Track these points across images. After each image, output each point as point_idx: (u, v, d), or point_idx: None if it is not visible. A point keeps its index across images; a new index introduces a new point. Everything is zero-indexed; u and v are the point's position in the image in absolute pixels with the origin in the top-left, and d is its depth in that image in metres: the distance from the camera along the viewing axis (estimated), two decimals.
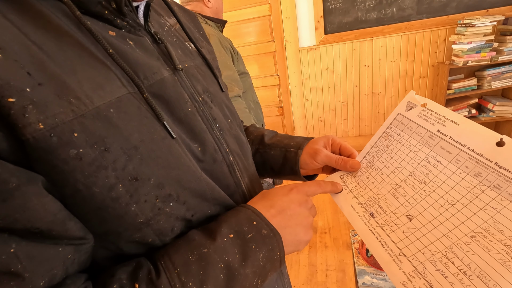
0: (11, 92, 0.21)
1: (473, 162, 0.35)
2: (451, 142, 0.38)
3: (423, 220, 0.36)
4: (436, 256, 0.33)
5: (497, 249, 0.29)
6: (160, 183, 0.29)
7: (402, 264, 0.34)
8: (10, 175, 0.20)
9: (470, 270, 0.30)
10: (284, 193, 0.37)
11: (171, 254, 0.29)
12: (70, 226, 0.24)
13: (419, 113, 0.43)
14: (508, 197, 0.31)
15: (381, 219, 0.39)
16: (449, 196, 0.36)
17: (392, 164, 0.43)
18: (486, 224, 0.31)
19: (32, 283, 0.21)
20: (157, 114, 0.30)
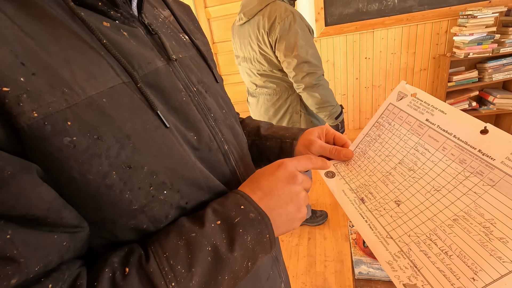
0: (6, 82, 0.21)
1: (459, 149, 0.36)
2: (438, 130, 0.39)
3: (410, 205, 0.38)
4: (421, 238, 0.34)
5: (476, 231, 0.31)
6: (154, 171, 0.29)
7: (389, 245, 0.36)
8: (5, 164, 0.21)
9: (451, 250, 0.32)
10: (270, 172, 0.37)
11: (161, 239, 0.30)
12: (65, 214, 0.25)
13: (409, 103, 0.44)
14: (489, 183, 0.33)
15: (371, 204, 0.41)
16: (435, 183, 0.37)
17: (383, 153, 0.45)
18: (468, 208, 0.33)
19: (27, 268, 0.22)
20: (150, 103, 0.30)
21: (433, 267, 0.32)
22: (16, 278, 0.21)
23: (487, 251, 0.29)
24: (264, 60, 1.32)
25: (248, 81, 1.52)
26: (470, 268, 0.30)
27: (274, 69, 1.34)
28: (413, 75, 2.54)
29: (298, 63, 1.20)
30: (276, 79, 1.38)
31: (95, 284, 0.25)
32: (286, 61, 1.24)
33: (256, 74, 1.41)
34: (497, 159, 0.33)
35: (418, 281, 0.32)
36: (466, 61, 2.35)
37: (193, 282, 0.28)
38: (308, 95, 1.29)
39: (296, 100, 1.43)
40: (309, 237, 1.94)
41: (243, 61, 1.47)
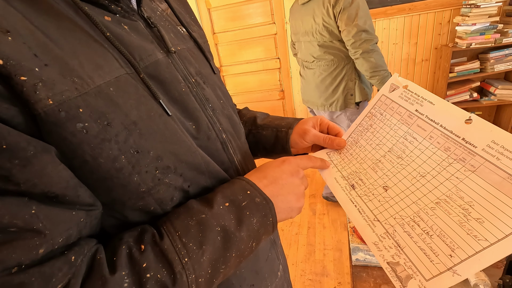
0: (23, 71, 0.23)
1: (444, 138, 0.38)
2: (426, 120, 0.41)
3: (397, 190, 0.40)
4: (405, 220, 0.37)
5: (456, 213, 0.34)
6: (159, 156, 0.31)
7: (375, 228, 0.39)
8: (27, 144, 0.23)
9: (432, 230, 0.34)
10: (276, 165, 0.40)
11: (172, 220, 0.32)
12: (81, 193, 0.27)
13: (400, 94, 0.46)
14: (471, 168, 0.35)
15: (360, 190, 0.43)
16: (421, 169, 0.39)
17: (374, 142, 0.47)
18: (450, 192, 0.35)
19: (52, 239, 0.24)
20: (153, 93, 0.32)
21: (415, 246, 0.35)
22: (43, 248, 0.24)
23: (465, 230, 0.32)
24: (326, 31, 1.51)
25: (306, 54, 1.69)
26: (448, 246, 0.32)
27: (334, 39, 1.53)
28: (414, 66, 2.52)
29: (358, 31, 1.39)
30: (335, 49, 1.56)
31: (114, 259, 0.28)
32: (346, 29, 1.42)
33: (316, 46, 1.59)
34: (479, 147, 0.35)
35: (400, 259, 0.35)
36: (468, 52, 2.33)
37: (204, 258, 0.30)
38: (364, 60, 1.46)
39: (351, 69, 1.60)
40: (309, 226, 1.97)
41: (303, 35, 1.65)
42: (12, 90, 0.23)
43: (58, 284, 0.24)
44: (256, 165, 0.51)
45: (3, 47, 0.22)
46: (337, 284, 1.54)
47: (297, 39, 1.75)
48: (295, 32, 1.75)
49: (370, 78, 1.53)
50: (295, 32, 1.75)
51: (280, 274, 0.53)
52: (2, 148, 0.21)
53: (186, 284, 0.29)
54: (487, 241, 0.30)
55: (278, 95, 3.01)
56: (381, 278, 0.77)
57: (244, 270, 0.44)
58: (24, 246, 0.23)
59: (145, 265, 0.28)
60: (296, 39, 1.75)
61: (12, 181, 0.22)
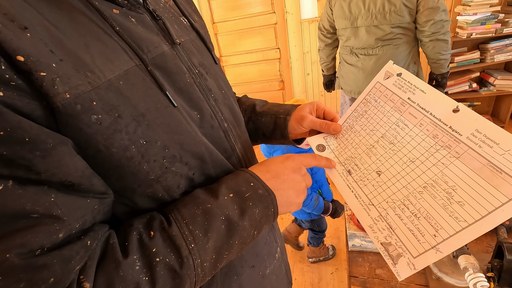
0: (42, 67, 0.24)
1: (433, 125, 0.41)
2: (417, 108, 0.43)
3: (389, 175, 0.43)
4: (396, 203, 0.40)
5: (441, 196, 0.36)
6: (166, 146, 0.33)
7: (370, 211, 0.42)
8: (47, 137, 0.24)
9: (420, 213, 0.37)
10: (280, 161, 0.42)
11: (180, 208, 0.34)
12: (95, 182, 0.29)
13: (394, 82, 0.47)
14: (455, 155, 0.37)
15: (356, 175, 0.46)
16: (411, 155, 0.42)
17: (368, 127, 0.49)
18: (436, 177, 0.38)
19: (70, 224, 0.26)
20: (160, 84, 0.33)
21: (405, 228, 0.38)
22: (62, 233, 0.26)
23: (447, 212, 0.35)
24: (405, 11, 1.46)
25: (367, 40, 1.60)
26: (433, 227, 0.36)
27: (411, 20, 1.49)
28: None
29: (440, 11, 1.41)
30: (408, 31, 1.53)
31: (126, 244, 0.30)
32: (429, 9, 1.42)
33: (387, 29, 1.52)
34: (464, 135, 0.37)
35: (392, 240, 0.38)
36: (468, 42, 2.32)
37: (209, 244, 0.32)
38: (438, 41, 1.48)
39: (417, 52, 1.63)
40: None
41: (364, 19, 1.55)
42: (32, 85, 0.24)
43: (76, 265, 0.26)
44: (255, 153, 0.53)
45: (23, 44, 0.24)
46: (335, 270, 1.58)
47: (348, 25, 1.62)
48: (345, 17, 1.61)
49: (436, 61, 1.55)
50: (345, 18, 1.61)
51: (278, 256, 0.56)
52: (25, 141, 0.23)
53: (192, 268, 0.31)
54: (466, 222, 0.33)
55: (278, 85, 3.00)
56: (376, 262, 0.81)
57: (245, 253, 0.47)
58: (45, 230, 0.24)
59: (154, 250, 0.30)
60: (347, 25, 1.62)
61: (34, 171, 0.24)
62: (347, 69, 1.77)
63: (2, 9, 0.23)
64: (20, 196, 0.23)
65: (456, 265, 0.69)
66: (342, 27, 1.66)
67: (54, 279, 0.24)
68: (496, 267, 0.64)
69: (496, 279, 0.64)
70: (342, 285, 1.50)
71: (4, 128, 0.22)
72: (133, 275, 0.28)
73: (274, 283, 0.55)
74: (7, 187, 0.23)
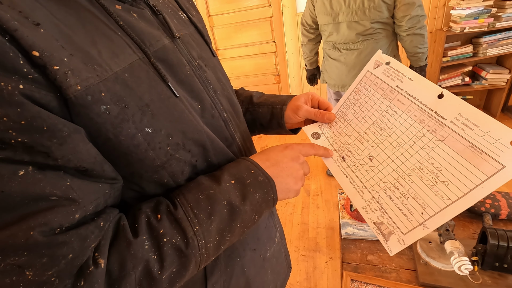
0: (55, 61, 0.26)
1: (420, 111, 0.43)
2: (405, 95, 0.46)
3: (380, 159, 0.45)
4: (387, 186, 0.43)
5: (428, 177, 0.39)
6: (169, 134, 0.34)
7: (364, 194, 0.44)
8: (63, 126, 0.26)
9: (408, 193, 0.40)
10: (279, 150, 0.44)
11: (185, 193, 0.36)
12: (105, 168, 0.30)
13: (383, 71, 0.50)
14: (440, 138, 0.40)
15: (350, 161, 0.48)
16: (400, 140, 0.44)
17: (360, 115, 0.51)
18: (423, 159, 0.41)
19: (85, 206, 0.28)
20: (162, 76, 0.34)
21: (395, 208, 0.41)
22: (78, 214, 0.28)
23: (433, 192, 0.38)
24: (384, 7, 1.53)
25: (349, 35, 1.66)
26: (420, 205, 0.38)
27: (389, 15, 1.56)
28: None
29: (415, 6, 1.47)
30: (387, 26, 1.60)
31: (136, 226, 0.32)
32: (406, 5, 1.48)
33: (367, 24, 1.59)
34: (448, 119, 0.40)
35: (384, 219, 0.41)
36: (462, 36, 2.35)
37: (212, 227, 0.35)
38: (415, 35, 1.54)
39: (396, 46, 1.69)
40: (303, 206, 2.05)
41: (345, 15, 1.61)
42: (47, 78, 0.26)
43: (91, 244, 0.28)
44: (253, 143, 0.55)
45: (38, 40, 0.25)
46: (329, 259, 1.63)
47: (330, 21, 1.67)
48: (326, 13, 1.66)
49: (413, 55, 1.59)
50: (326, 13, 1.66)
51: (277, 241, 0.59)
52: (44, 129, 0.25)
53: (197, 248, 0.33)
54: (450, 200, 0.36)
55: (274, 79, 3.01)
56: (367, 249, 0.84)
57: (247, 237, 0.50)
58: (63, 211, 0.26)
59: (162, 231, 0.32)
60: (329, 20, 1.68)
61: (51, 157, 0.26)
62: (330, 64, 1.82)
63: (17, 7, 0.25)
64: (40, 180, 0.25)
65: (443, 251, 0.73)
66: (324, 22, 1.71)
67: (72, 255, 0.27)
68: (480, 252, 0.68)
69: (480, 262, 0.68)
70: (335, 273, 1.54)
71: (25, 118, 0.24)
72: (143, 253, 0.30)
73: (274, 266, 0.57)
74: (27, 172, 0.25)
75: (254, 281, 0.52)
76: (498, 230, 0.66)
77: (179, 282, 0.34)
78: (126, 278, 0.29)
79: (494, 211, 0.83)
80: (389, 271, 0.76)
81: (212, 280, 0.45)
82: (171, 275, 0.32)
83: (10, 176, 0.24)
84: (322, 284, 1.51)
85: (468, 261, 0.63)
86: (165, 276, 0.31)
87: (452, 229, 0.74)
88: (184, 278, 0.34)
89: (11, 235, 0.24)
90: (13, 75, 0.24)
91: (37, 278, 0.25)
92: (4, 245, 0.24)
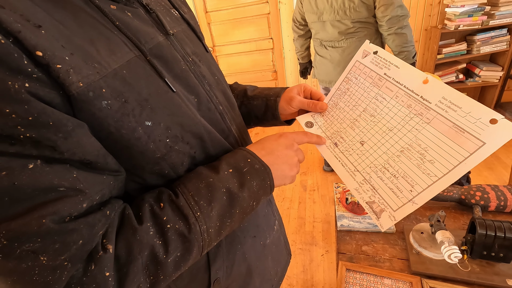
0: (58, 60, 0.27)
1: (407, 96, 0.46)
2: (393, 82, 0.48)
3: (371, 144, 0.48)
4: (378, 167, 0.45)
5: (415, 157, 0.42)
6: (168, 127, 0.36)
7: (356, 176, 0.47)
8: (67, 121, 0.27)
9: (398, 173, 0.43)
10: (274, 139, 0.46)
11: (185, 182, 0.37)
12: (109, 160, 0.32)
13: (371, 60, 0.52)
14: (426, 121, 0.43)
15: (342, 146, 0.51)
16: (389, 124, 0.47)
17: (351, 103, 0.53)
18: (411, 141, 0.43)
19: (91, 196, 0.30)
20: (159, 72, 0.36)
21: (386, 187, 0.43)
22: (85, 203, 0.29)
23: (421, 170, 0.41)
24: (363, 7, 1.56)
25: (332, 33, 1.70)
26: (409, 183, 0.41)
27: (370, 15, 1.58)
28: None
29: (395, 7, 1.48)
30: (368, 24, 1.62)
31: (140, 214, 0.33)
32: (384, 5, 1.50)
33: (349, 24, 1.62)
34: (432, 102, 0.43)
35: (375, 198, 0.44)
36: (456, 33, 2.38)
37: (213, 213, 0.36)
38: (397, 36, 1.55)
39: (380, 43, 1.70)
40: (300, 201, 2.08)
41: (328, 14, 1.65)
42: (50, 77, 0.27)
43: (99, 231, 0.30)
44: (249, 134, 0.57)
45: (40, 40, 0.26)
46: (325, 252, 1.66)
47: (316, 19, 1.72)
48: (313, 11, 1.71)
49: (398, 54, 1.60)
50: (313, 12, 1.71)
51: (276, 228, 0.61)
52: (49, 125, 0.26)
53: (199, 233, 0.35)
54: (436, 176, 0.39)
55: (271, 75, 3.03)
56: (362, 240, 0.87)
57: (247, 224, 0.52)
58: (72, 201, 0.28)
59: (165, 218, 0.34)
60: (315, 19, 1.72)
61: (57, 151, 0.27)
62: (319, 60, 1.87)
63: (17, 10, 0.26)
64: (48, 173, 0.27)
65: (434, 241, 0.76)
66: (312, 20, 1.76)
67: (82, 241, 0.28)
68: (469, 241, 0.71)
69: (469, 251, 0.71)
70: (331, 266, 1.58)
71: (32, 114, 0.25)
72: (148, 239, 0.32)
73: (274, 253, 0.60)
74: (36, 165, 0.26)
75: (255, 267, 0.54)
76: (486, 220, 0.69)
77: (183, 266, 0.35)
78: (134, 262, 0.31)
79: (483, 203, 0.86)
80: (382, 260, 0.78)
81: (215, 266, 0.47)
82: (176, 259, 0.34)
83: (20, 169, 0.25)
84: (318, 276, 1.54)
85: (457, 249, 0.66)
86: (170, 260, 0.33)
87: (443, 220, 0.77)
88: (188, 262, 0.36)
89: (25, 224, 0.25)
90: (18, 74, 0.25)
91: (51, 263, 0.26)
92: (19, 233, 0.25)
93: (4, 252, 0.25)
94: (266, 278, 0.59)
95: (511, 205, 0.84)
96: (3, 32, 0.24)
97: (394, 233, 0.86)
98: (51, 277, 0.27)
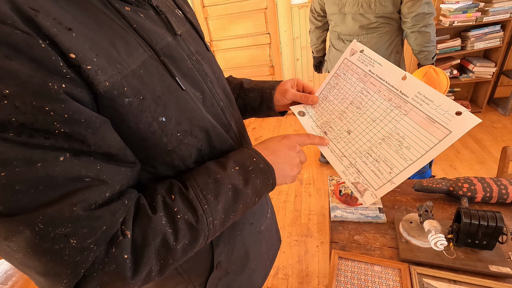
0: (87, 62, 0.29)
1: (388, 91, 0.51)
2: (376, 78, 0.53)
3: (357, 133, 0.53)
4: (362, 153, 0.51)
5: (394, 144, 0.48)
6: (179, 122, 0.39)
7: (343, 161, 0.53)
8: (96, 118, 0.30)
9: (379, 158, 0.49)
10: (278, 140, 0.49)
11: (195, 176, 0.40)
12: (127, 153, 0.35)
13: (358, 57, 0.57)
14: (404, 112, 0.49)
15: (331, 135, 0.56)
16: (373, 115, 0.52)
17: (339, 97, 0.59)
18: (391, 130, 0.49)
19: (113, 186, 0.32)
20: (170, 71, 0.38)
21: (369, 170, 0.49)
22: (108, 192, 0.32)
23: (399, 155, 0.47)
24: (389, 2, 1.51)
25: (353, 27, 1.65)
26: (389, 166, 0.47)
27: (395, 10, 1.53)
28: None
29: (422, 3, 1.43)
30: (392, 21, 1.58)
31: (154, 204, 0.36)
32: (411, 1, 1.45)
33: (372, 18, 1.57)
34: (409, 97, 0.48)
35: (360, 179, 0.50)
36: (451, 29, 2.41)
37: (219, 207, 0.39)
38: (420, 33, 1.50)
39: (400, 41, 1.66)
40: (296, 194, 2.12)
41: (351, 7, 1.60)
42: (81, 77, 0.29)
43: (119, 218, 0.33)
44: (245, 128, 0.61)
45: (73, 43, 0.28)
46: (320, 244, 1.71)
47: (336, 11, 1.67)
48: (334, 2, 1.66)
49: (419, 53, 1.57)
50: (334, 3, 1.66)
51: (269, 216, 0.66)
52: (81, 121, 0.29)
53: (206, 224, 0.38)
54: (411, 160, 0.45)
55: (268, 71, 3.04)
56: (354, 230, 0.90)
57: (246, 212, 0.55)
58: (97, 190, 0.31)
59: (176, 209, 0.37)
60: (335, 10, 1.67)
61: (86, 144, 0.30)
62: (334, 54, 1.81)
63: (51, 14, 0.28)
64: (76, 165, 0.29)
65: (422, 230, 0.79)
66: (331, 12, 1.70)
67: (106, 226, 0.31)
68: (455, 230, 0.74)
69: (455, 239, 0.74)
70: (325, 256, 1.62)
71: (68, 112, 0.28)
72: (161, 227, 0.35)
73: (267, 238, 0.65)
74: (66, 158, 0.29)
75: (251, 251, 0.58)
76: (471, 210, 0.72)
77: (190, 252, 0.39)
78: (148, 246, 0.34)
79: (470, 194, 0.89)
80: (373, 249, 0.82)
81: (218, 250, 0.51)
82: (184, 246, 0.37)
83: (53, 161, 0.28)
84: (313, 266, 1.59)
85: (443, 237, 0.69)
86: (179, 246, 0.36)
87: (431, 210, 0.80)
88: (194, 249, 0.39)
89: (58, 210, 0.28)
90: (56, 75, 0.27)
91: (79, 245, 0.29)
92: (53, 218, 0.28)
93: (41, 234, 0.28)
94: (260, 261, 0.63)
95: (496, 196, 0.88)
96: (41, 35, 0.27)
97: (385, 223, 0.90)
98: (79, 257, 0.30)
